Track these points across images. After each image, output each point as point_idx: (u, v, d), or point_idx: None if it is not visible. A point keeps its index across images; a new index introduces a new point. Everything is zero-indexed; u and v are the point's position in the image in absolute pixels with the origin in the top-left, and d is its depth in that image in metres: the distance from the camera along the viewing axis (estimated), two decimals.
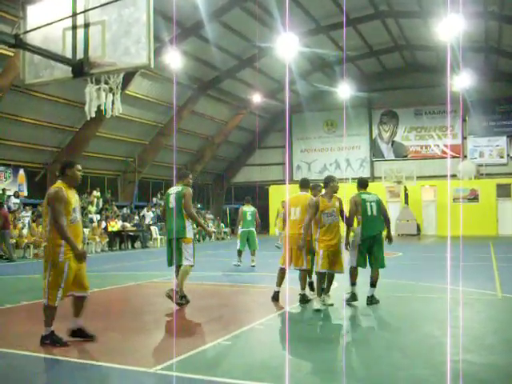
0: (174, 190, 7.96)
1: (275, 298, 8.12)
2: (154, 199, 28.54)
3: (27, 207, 19.87)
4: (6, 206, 19.22)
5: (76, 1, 5.79)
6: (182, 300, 7.69)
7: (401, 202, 29.81)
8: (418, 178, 29.57)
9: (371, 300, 7.89)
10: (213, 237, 27.77)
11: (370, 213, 7.96)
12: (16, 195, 20.80)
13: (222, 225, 29.49)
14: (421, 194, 30.32)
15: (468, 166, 29.43)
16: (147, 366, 4.86)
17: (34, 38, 5.82)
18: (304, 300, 7.99)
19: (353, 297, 7.96)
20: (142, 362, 5.02)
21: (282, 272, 8.16)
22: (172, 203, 7.85)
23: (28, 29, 5.94)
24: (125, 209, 25.30)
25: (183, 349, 5.39)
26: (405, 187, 29.40)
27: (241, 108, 30.85)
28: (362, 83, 31.05)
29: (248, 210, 14.15)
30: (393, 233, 8.22)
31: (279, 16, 20.99)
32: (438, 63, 28.30)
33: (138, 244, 22.12)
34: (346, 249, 7.95)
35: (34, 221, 18.30)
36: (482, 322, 6.97)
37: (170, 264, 7.93)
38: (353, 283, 7.99)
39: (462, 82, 26.08)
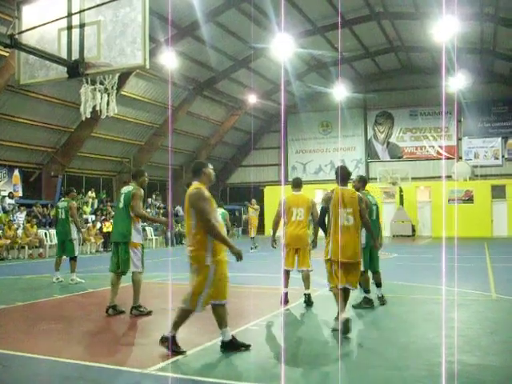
0: (125, 190, 7.48)
1: (285, 300, 7.86)
2: (150, 200, 28.47)
3: (22, 208, 19.76)
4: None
5: (71, 1, 5.79)
6: (142, 309, 7.32)
7: (396, 203, 29.86)
8: (412, 179, 29.64)
9: (382, 300, 7.90)
10: None
11: (373, 216, 7.86)
12: (10, 196, 20.70)
13: None
14: (416, 195, 30.37)
15: (463, 167, 29.51)
16: (143, 366, 4.85)
17: (29, 39, 5.82)
18: (309, 301, 7.85)
19: (367, 302, 7.74)
20: (137, 363, 5.02)
21: (287, 274, 7.96)
22: (121, 203, 7.39)
23: (23, 29, 5.93)
24: None
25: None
26: (400, 188, 29.45)
27: (236, 109, 30.86)
28: (358, 84, 31.13)
29: (218, 211, 14.40)
30: (387, 234, 8.20)
31: (275, 17, 21.01)
32: (433, 64, 28.42)
33: None
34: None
35: (28, 221, 18.22)
36: (476, 323, 6.99)
37: (113, 269, 7.39)
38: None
39: (457, 83, 26.19)
